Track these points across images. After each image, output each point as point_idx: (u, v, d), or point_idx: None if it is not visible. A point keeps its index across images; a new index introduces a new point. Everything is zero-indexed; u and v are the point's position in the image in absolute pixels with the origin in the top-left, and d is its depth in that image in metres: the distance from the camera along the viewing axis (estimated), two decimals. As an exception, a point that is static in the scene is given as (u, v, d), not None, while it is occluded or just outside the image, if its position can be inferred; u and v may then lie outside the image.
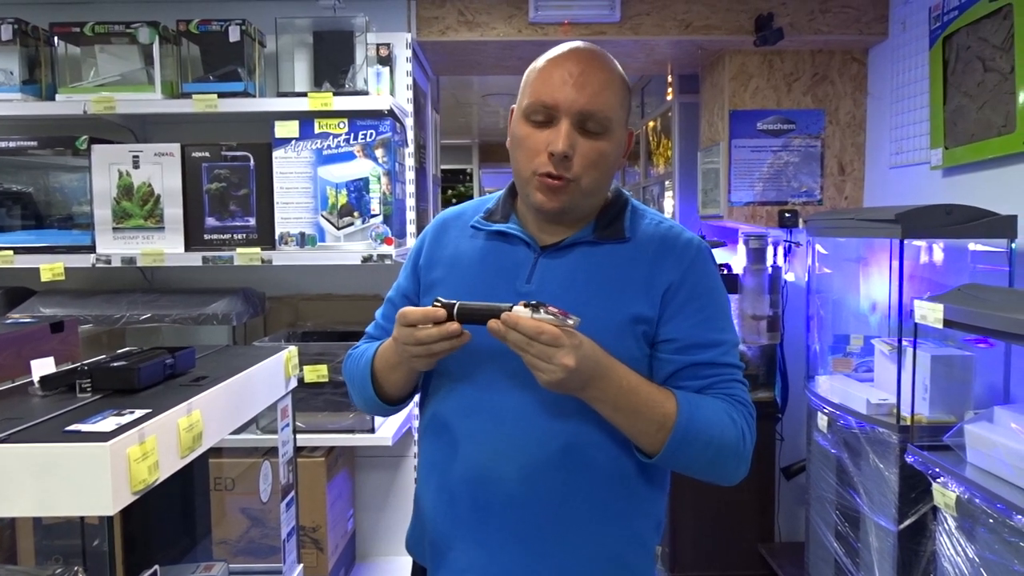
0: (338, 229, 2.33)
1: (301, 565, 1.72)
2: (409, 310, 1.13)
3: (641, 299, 1.18)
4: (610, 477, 1.18)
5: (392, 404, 1.33)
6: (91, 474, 0.97)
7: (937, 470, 1.86)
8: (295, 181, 2.33)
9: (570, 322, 1.07)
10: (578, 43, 1.21)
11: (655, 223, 1.26)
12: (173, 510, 1.71)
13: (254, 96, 2.39)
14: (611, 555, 1.19)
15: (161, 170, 2.35)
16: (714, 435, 1.14)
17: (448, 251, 1.30)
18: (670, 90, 3.84)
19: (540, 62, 1.21)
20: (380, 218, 2.32)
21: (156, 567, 1.34)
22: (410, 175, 2.71)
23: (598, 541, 1.18)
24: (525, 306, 1.07)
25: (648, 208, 1.30)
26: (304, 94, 2.33)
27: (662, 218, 1.28)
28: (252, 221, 2.37)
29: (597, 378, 1.09)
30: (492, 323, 1.07)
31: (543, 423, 1.16)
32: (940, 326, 1.87)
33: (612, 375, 1.11)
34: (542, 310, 1.06)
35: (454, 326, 1.10)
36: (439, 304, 1.12)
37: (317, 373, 2.29)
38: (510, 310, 1.07)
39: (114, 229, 2.36)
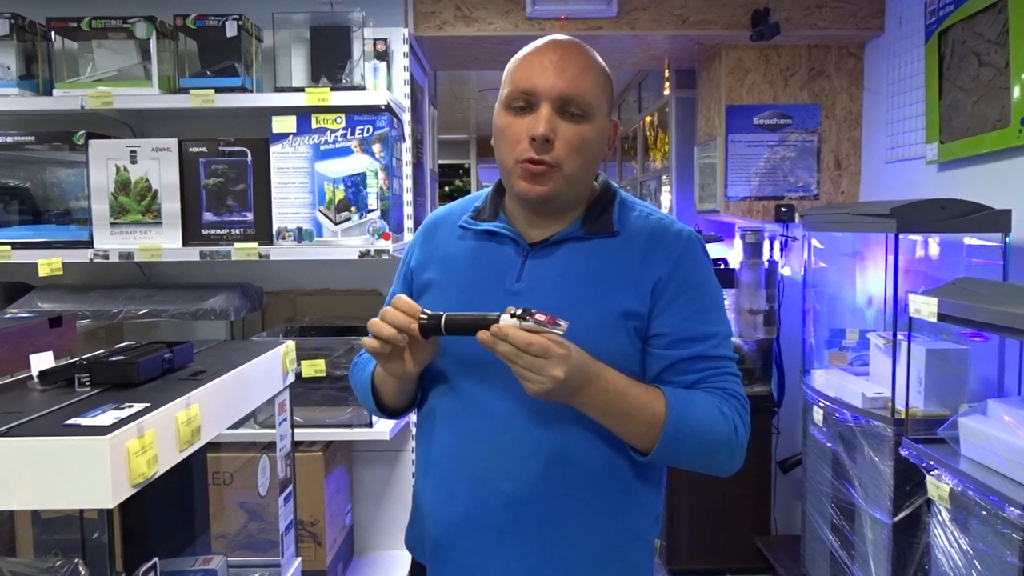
0: (335, 224, 2.33)
1: (299, 559, 1.73)
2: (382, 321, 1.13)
3: (631, 294, 1.18)
4: (604, 475, 1.19)
5: (393, 415, 1.35)
6: (90, 467, 0.97)
7: (931, 463, 1.87)
8: (292, 176, 2.33)
9: (558, 329, 1.04)
10: (558, 35, 1.23)
11: (644, 215, 1.25)
12: (172, 504, 1.72)
13: (251, 91, 2.39)
14: (609, 549, 1.20)
15: (158, 165, 2.35)
16: (705, 431, 1.14)
17: (439, 252, 1.29)
18: (667, 85, 3.85)
19: (520, 54, 1.22)
20: (377, 213, 2.33)
21: (155, 560, 1.35)
22: (407, 170, 2.72)
23: (596, 536, 1.19)
24: (512, 315, 1.04)
25: (638, 200, 1.29)
26: (301, 89, 2.34)
27: (652, 210, 1.27)
28: (249, 216, 2.38)
29: (584, 385, 1.09)
30: (481, 335, 1.06)
31: (536, 423, 1.17)
32: (935, 320, 1.88)
33: (599, 381, 1.10)
34: (529, 318, 1.03)
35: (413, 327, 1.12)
36: (425, 316, 1.11)
37: (315, 368, 2.29)
38: (498, 319, 1.05)
39: (112, 224, 2.36)
